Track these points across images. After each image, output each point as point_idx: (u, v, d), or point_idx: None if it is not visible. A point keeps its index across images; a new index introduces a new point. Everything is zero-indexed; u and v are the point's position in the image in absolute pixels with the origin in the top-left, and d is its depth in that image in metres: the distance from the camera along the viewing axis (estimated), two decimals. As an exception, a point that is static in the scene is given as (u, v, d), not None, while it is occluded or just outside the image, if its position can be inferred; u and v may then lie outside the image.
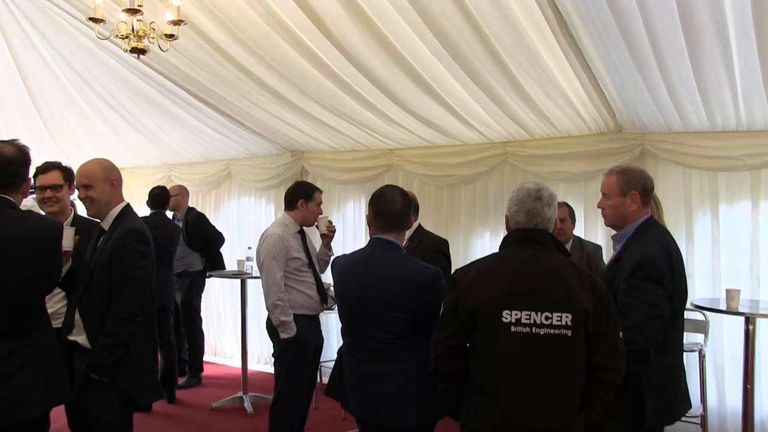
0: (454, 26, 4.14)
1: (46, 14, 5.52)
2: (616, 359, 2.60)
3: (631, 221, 3.21)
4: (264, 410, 4.87)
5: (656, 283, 2.97)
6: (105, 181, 3.46)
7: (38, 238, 3.08)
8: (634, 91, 4.63)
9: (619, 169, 3.31)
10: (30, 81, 6.81)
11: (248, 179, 8.07)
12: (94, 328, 3.34)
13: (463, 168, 6.30)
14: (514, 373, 2.57)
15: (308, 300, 4.65)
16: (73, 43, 5.89)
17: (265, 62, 5.13)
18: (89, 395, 3.34)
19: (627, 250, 3.16)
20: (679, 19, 3.56)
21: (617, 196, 3.22)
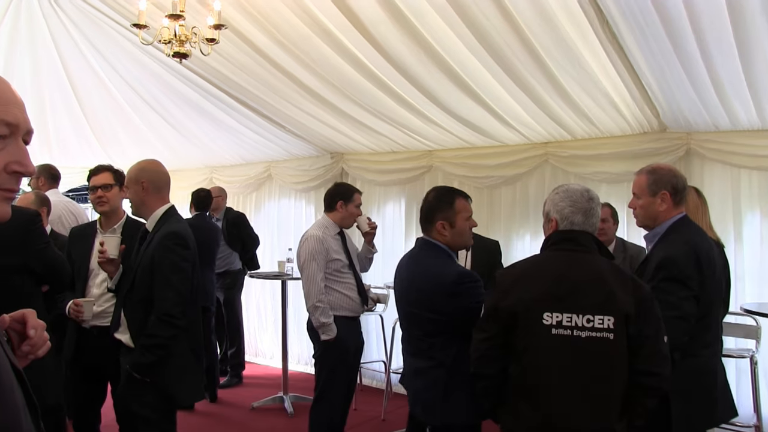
0: (493, 25, 4.12)
1: (93, 21, 5.62)
2: (659, 364, 2.56)
3: (662, 221, 3.17)
4: (304, 410, 4.90)
5: (679, 284, 2.93)
6: (136, 182, 3.55)
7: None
8: (679, 89, 4.54)
9: (649, 169, 3.26)
10: (77, 86, 6.94)
11: (288, 181, 8.12)
12: (136, 328, 3.41)
13: (503, 169, 6.25)
14: (554, 375, 2.56)
15: (348, 301, 4.65)
16: (118, 49, 6.00)
17: (305, 64, 5.16)
18: (132, 393, 3.41)
19: (654, 250, 3.14)
20: (727, 12, 3.45)
21: (647, 195, 3.19)
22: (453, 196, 3.34)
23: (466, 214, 3.32)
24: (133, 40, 5.41)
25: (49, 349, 1.59)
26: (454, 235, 3.28)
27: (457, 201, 3.31)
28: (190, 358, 3.52)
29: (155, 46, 4.69)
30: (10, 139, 1.20)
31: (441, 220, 3.27)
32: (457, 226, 3.28)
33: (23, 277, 3.07)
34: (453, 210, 3.28)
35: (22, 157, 1.21)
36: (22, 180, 1.23)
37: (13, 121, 1.20)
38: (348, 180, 7.29)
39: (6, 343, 1.32)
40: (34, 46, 6.19)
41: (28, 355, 1.53)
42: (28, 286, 3.10)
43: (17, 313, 1.53)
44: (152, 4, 4.50)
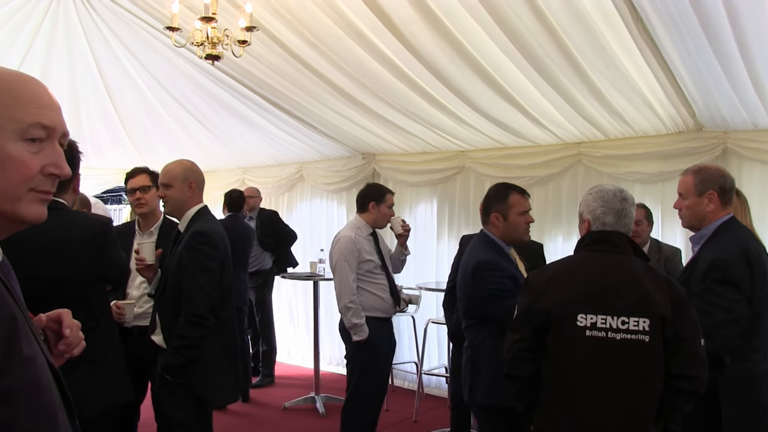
0: (525, 25, 4.08)
1: (127, 24, 5.70)
2: (697, 367, 2.52)
3: (709, 222, 3.10)
4: (335, 411, 4.91)
5: (731, 286, 2.87)
6: (184, 182, 3.56)
7: (78, 240, 3.00)
8: (716, 88, 4.45)
9: (696, 168, 3.21)
10: (111, 88, 7.03)
11: (320, 182, 8.14)
12: (168, 329, 3.44)
13: (536, 169, 6.19)
14: (588, 378, 2.53)
15: (381, 302, 4.65)
16: (151, 51, 6.06)
17: (337, 65, 5.17)
18: (165, 394, 3.44)
19: (702, 251, 3.05)
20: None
21: (693, 196, 3.12)
22: (508, 190, 3.60)
23: (520, 208, 3.55)
24: (166, 43, 5.45)
25: (84, 348, 1.61)
26: (506, 227, 3.54)
27: (511, 195, 3.56)
28: (222, 359, 3.52)
29: (188, 49, 4.73)
30: (47, 142, 1.22)
31: (495, 212, 3.55)
32: (510, 219, 3.53)
33: (101, 285, 3.13)
34: (507, 204, 3.53)
35: (58, 160, 1.23)
36: (57, 182, 1.25)
37: (50, 125, 1.22)
38: (379, 181, 7.28)
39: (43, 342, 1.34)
40: (71, 49, 6.28)
41: (64, 354, 1.55)
42: (102, 295, 3.16)
43: (53, 313, 1.56)
44: (185, 6, 4.54)
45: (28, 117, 1.19)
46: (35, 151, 1.20)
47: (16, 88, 1.20)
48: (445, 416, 6.11)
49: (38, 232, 2.81)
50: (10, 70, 1.24)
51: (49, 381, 1.18)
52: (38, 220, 1.22)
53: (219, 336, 3.48)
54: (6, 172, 1.17)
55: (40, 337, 1.29)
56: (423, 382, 6.68)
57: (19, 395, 1.08)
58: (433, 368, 6.90)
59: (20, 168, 1.18)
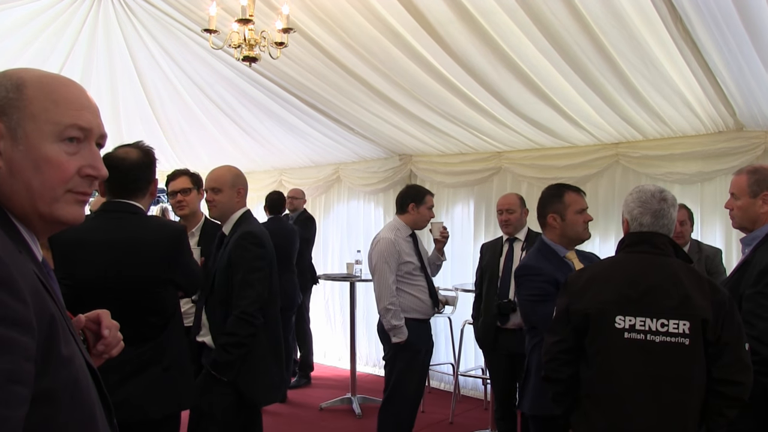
0: (563, 25, 4.04)
1: (165, 26, 5.77)
2: (741, 372, 2.46)
3: (763, 223, 3.01)
4: (372, 412, 4.92)
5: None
6: (233, 187, 3.66)
7: (154, 241, 3.02)
8: (758, 87, 4.35)
9: (750, 168, 3.12)
10: (150, 90, 7.12)
11: (357, 183, 8.15)
12: (216, 328, 3.49)
13: (573, 170, 6.12)
14: (626, 381, 2.50)
15: (420, 304, 4.64)
16: (189, 53, 6.13)
17: (373, 66, 5.17)
18: (208, 392, 3.47)
19: (756, 253, 2.96)
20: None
21: (747, 196, 3.03)
22: (563, 189, 3.55)
23: (577, 206, 3.48)
24: (203, 45, 5.52)
25: (122, 348, 1.63)
26: (564, 227, 3.46)
27: (566, 194, 3.50)
28: (270, 359, 3.58)
29: (225, 51, 4.77)
30: (84, 143, 1.24)
31: (552, 213, 3.48)
32: (567, 218, 3.45)
33: (172, 289, 3.18)
34: (563, 203, 3.47)
35: (95, 161, 1.25)
36: (96, 183, 1.27)
37: (87, 126, 1.23)
38: (416, 182, 7.26)
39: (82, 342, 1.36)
40: (110, 53, 6.38)
41: (103, 355, 1.57)
42: (172, 297, 3.21)
43: (92, 314, 1.58)
44: (222, 9, 4.58)
45: (66, 118, 1.21)
46: (72, 152, 1.22)
47: (55, 90, 1.22)
48: (482, 417, 6.09)
49: (118, 234, 2.94)
50: (49, 73, 1.26)
51: (88, 381, 1.20)
52: (76, 221, 1.24)
53: (267, 336, 3.55)
54: (43, 173, 1.19)
55: (78, 337, 1.31)
56: (459, 384, 6.66)
57: (58, 395, 1.10)
58: (469, 369, 6.87)
59: (57, 169, 1.20)
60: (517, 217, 4.85)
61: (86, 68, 6.54)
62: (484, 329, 4.87)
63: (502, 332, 4.73)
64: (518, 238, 4.88)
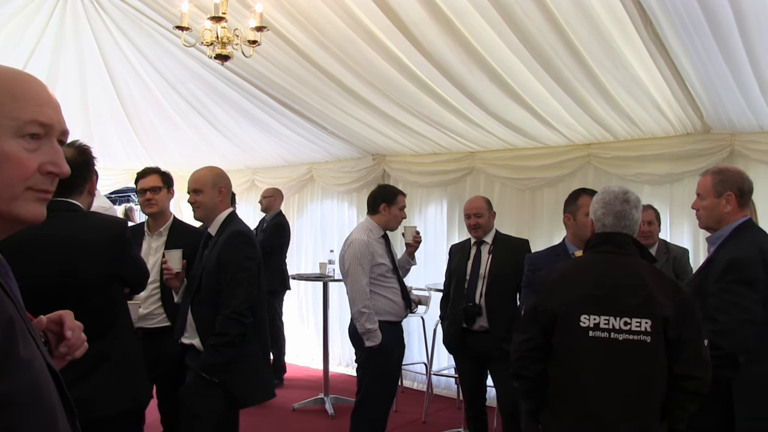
0: (535, 25, 4.07)
1: (136, 23, 5.71)
2: (700, 368, 2.55)
3: (727, 223, 3.10)
4: (345, 412, 4.90)
5: (747, 286, 2.87)
6: (214, 187, 3.65)
7: (96, 238, 2.95)
8: (724, 90, 4.43)
9: (716, 169, 3.21)
10: (121, 87, 7.04)
11: (330, 183, 8.14)
12: (204, 329, 3.46)
13: (546, 171, 6.18)
14: (591, 378, 2.57)
15: (393, 306, 4.61)
16: (161, 50, 6.07)
17: (347, 65, 5.16)
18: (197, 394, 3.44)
19: (719, 251, 3.06)
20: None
21: (712, 196, 3.12)
22: (579, 192, 3.91)
23: (588, 209, 3.50)
24: (175, 42, 5.46)
25: (86, 350, 1.59)
26: (576, 227, 3.83)
27: (581, 197, 3.81)
28: (260, 359, 3.58)
29: (197, 48, 4.73)
30: (45, 139, 1.20)
31: (567, 213, 3.89)
32: (578, 219, 3.79)
33: (118, 287, 3.11)
34: (576, 205, 3.82)
35: (57, 158, 1.21)
36: (57, 181, 1.24)
37: (47, 122, 1.20)
38: (390, 182, 7.27)
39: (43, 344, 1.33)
40: (79, 49, 6.30)
41: (66, 357, 1.54)
42: (120, 295, 3.14)
43: (54, 315, 1.54)
44: (194, 6, 4.54)
45: (26, 114, 1.17)
46: (33, 148, 1.18)
47: (13, 85, 1.18)
48: (455, 416, 6.10)
49: (56, 232, 2.85)
50: (8, 68, 1.22)
51: (49, 384, 1.16)
52: (36, 219, 1.20)
53: (257, 336, 3.54)
54: (2, 171, 1.14)
55: (39, 339, 1.27)
56: (432, 383, 6.67)
57: (17, 399, 1.07)
58: (442, 369, 6.88)
59: (17, 166, 1.16)
60: (485, 221, 4.83)
61: (53, 65, 6.43)
62: (450, 331, 4.86)
63: (469, 334, 4.72)
64: (485, 241, 4.86)
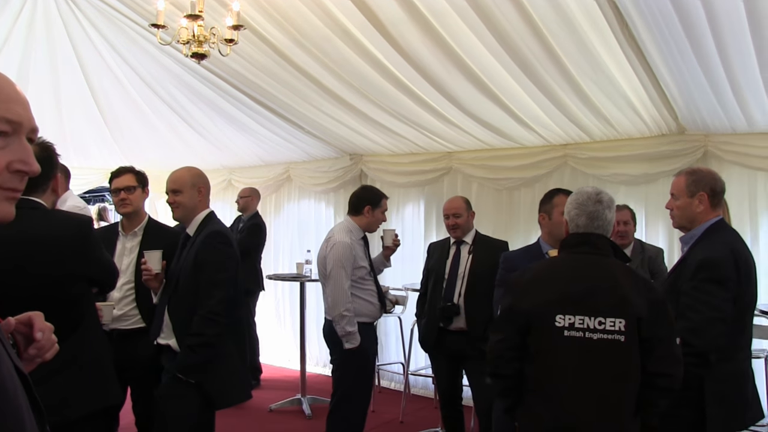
0: (512, 26, 4.09)
1: (110, 20, 5.64)
2: (671, 365, 2.60)
3: (699, 223, 3.15)
4: (322, 412, 4.89)
5: (719, 285, 2.93)
6: (193, 187, 3.62)
7: (60, 236, 2.89)
8: (698, 91, 4.49)
9: (689, 170, 3.27)
10: (95, 85, 6.96)
11: (308, 182, 8.12)
12: (182, 330, 3.43)
13: (523, 171, 6.21)
14: (566, 376, 2.60)
15: (370, 308, 4.59)
16: (136, 48, 6.01)
17: (325, 65, 5.15)
18: (171, 395, 3.40)
19: (692, 251, 3.12)
20: (746, 15, 3.43)
21: (685, 196, 3.17)
22: (555, 192, 3.91)
23: (563, 208, 3.59)
24: (151, 40, 5.41)
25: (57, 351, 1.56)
26: (551, 226, 3.81)
27: (556, 196, 3.82)
28: (236, 359, 3.55)
29: (173, 47, 4.69)
30: (13, 137, 1.17)
31: (542, 212, 3.87)
32: (554, 218, 3.77)
33: (83, 285, 3.05)
34: (551, 204, 3.81)
35: (26, 156, 1.18)
36: (26, 180, 1.21)
37: (16, 119, 1.17)
38: (366, 182, 7.27)
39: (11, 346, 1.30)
40: (51, 47, 6.21)
41: (35, 359, 1.51)
42: (86, 295, 3.08)
43: (23, 316, 1.51)
44: (171, 4, 4.51)
45: None
46: (1, 146, 1.15)
47: None
48: (432, 416, 6.10)
49: (18, 231, 2.78)
50: None
51: (15, 387, 1.12)
52: (5, 219, 1.17)
53: (234, 336, 3.51)
54: None
55: (7, 341, 1.24)
56: (410, 383, 6.68)
57: None
58: (419, 369, 6.88)
59: None
60: (464, 221, 4.82)
61: (24, 61, 6.32)
62: (427, 330, 4.85)
63: (445, 333, 4.71)
64: (465, 241, 4.84)
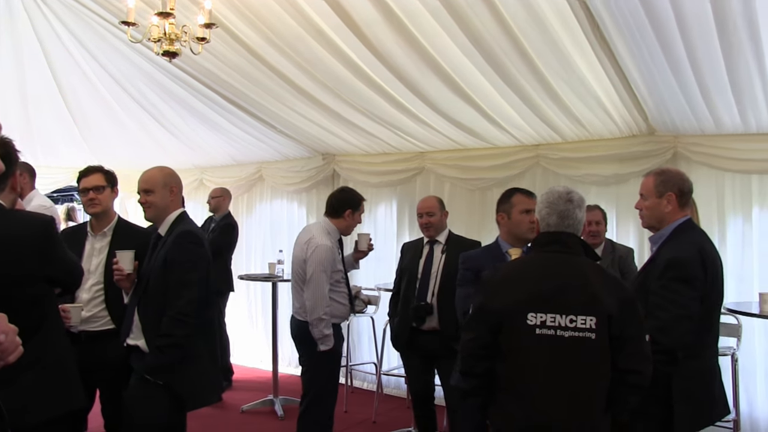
0: (485, 28, 4.10)
1: (79, 17, 5.57)
2: (641, 362, 2.63)
3: (668, 223, 3.20)
4: (295, 413, 4.84)
5: (686, 284, 2.98)
6: (165, 187, 3.59)
7: (20, 235, 2.79)
8: (667, 93, 4.55)
9: (658, 170, 3.32)
10: (63, 83, 6.88)
11: (280, 182, 8.09)
12: (151, 330, 3.39)
13: (495, 171, 6.24)
14: (538, 374, 2.62)
15: (343, 309, 4.60)
16: (106, 46, 5.94)
17: (298, 64, 5.13)
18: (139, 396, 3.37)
19: (661, 250, 3.17)
20: (713, 19, 3.49)
21: (653, 196, 3.22)
22: (513, 191, 3.89)
23: (522, 207, 3.76)
24: (121, 38, 5.33)
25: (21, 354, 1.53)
26: (510, 225, 3.80)
27: (515, 195, 3.82)
28: (206, 360, 3.51)
29: (144, 45, 4.65)
30: None
31: (501, 212, 3.84)
32: (513, 217, 3.77)
33: (44, 286, 2.97)
34: (510, 203, 3.79)
35: None
36: None
37: None
38: (339, 182, 7.27)
39: None
40: (17, 41, 6.13)
41: None
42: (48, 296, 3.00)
43: None
44: (141, 1, 4.47)
45: None
46: None
47: None
48: (405, 416, 6.11)
49: None
50: None
51: None
52: None
53: (204, 337, 3.48)
54: None
55: None
56: (382, 383, 6.68)
57: None
58: (392, 369, 6.88)
59: None
60: (437, 220, 4.82)
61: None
62: (400, 329, 4.85)
63: (418, 333, 4.71)
64: (439, 240, 4.84)
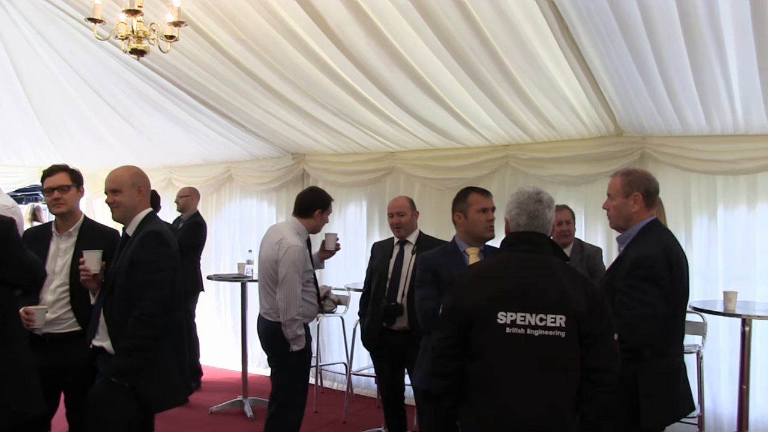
0: (456, 28, 4.12)
1: (43, 12, 5.49)
2: (610, 361, 2.67)
3: (635, 222, 3.25)
4: (264, 414, 4.83)
5: (652, 283, 3.02)
6: (132, 186, 3.55)
7: None
8: (635, 95, 4.61)
9: (625, 171, 3.37)
10: (27, 81, 6.78)
11: (249, 182, 8.05)
12: (117, 332, 3.35)
13: (465, 171, 6.26)
14: (509, 372, 2.63)
15: (312, 309, 4.59)
16: (73, 43, 5.86)
17: (267, 63, 5.11)
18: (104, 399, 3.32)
19: (627, 250, 3.21)
20: (680, 22, 3.54)
21: (621, 196, 3.27)
22: (469, 190, 3.82)
23: (479, 206, 3.73)
24: (88, 35, 5.27)
25: None
26: (467, 224, 3.73)
27: (471, 194, 3.77)
28: (172, 362, 3.48)
29: (112, 42, 4.59)
30: None
31: (457, 211, 3.76)
32: (469, 216, 3.71)
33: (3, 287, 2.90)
34: (466, 202, 3.73)
35: None
36: None
37: None
38: (309, 181, 7.26)
39: None
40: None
41: None
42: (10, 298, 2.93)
43: None
44: (108, -3, 4.42)
45: None
46: None
47: None
48: (375, 416, 6.11)
49: None
50: None
51: None
52: None
53: (169, 338, 3.44)
54: None
55: None
56: (352, 383, 6.67)
57: None
58: (362, 369, 6.88)
59: None
60: (407, 220, 4.82)
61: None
62: (370, 329, 4.85)
63: (388, 333, 4.71)
64: (409, 240, 4.84)
